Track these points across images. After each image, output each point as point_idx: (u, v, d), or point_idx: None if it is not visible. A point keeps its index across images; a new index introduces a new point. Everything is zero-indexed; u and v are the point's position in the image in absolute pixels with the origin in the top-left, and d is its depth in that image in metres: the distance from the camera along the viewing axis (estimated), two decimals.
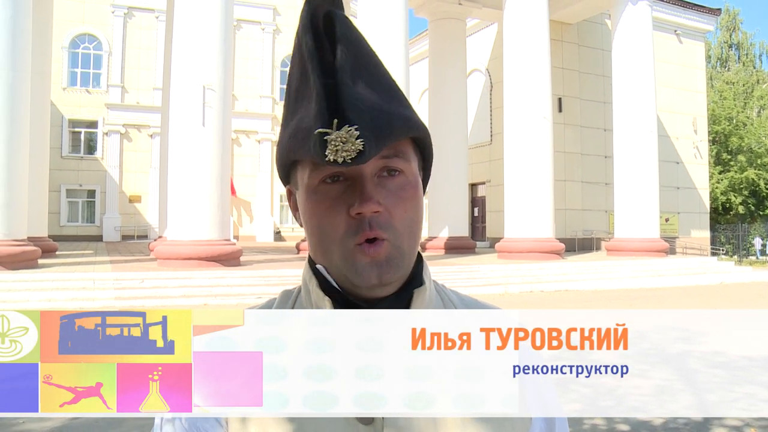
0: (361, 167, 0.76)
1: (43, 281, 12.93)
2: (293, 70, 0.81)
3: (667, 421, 5.43)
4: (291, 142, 0.77)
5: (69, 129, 31.26)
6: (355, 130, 0.71)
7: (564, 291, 15.93)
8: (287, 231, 34.29)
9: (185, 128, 15.21)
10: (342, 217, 0.76)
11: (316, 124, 0.72)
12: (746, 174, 36.87)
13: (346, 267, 0.77)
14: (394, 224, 0.78)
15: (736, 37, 50.82)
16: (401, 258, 0.79)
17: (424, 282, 0.84)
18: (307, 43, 0.75)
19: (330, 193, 0.77)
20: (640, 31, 21.83)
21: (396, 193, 0.78)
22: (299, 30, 0.77)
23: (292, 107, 0.80)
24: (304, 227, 0.83)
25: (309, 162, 0.78)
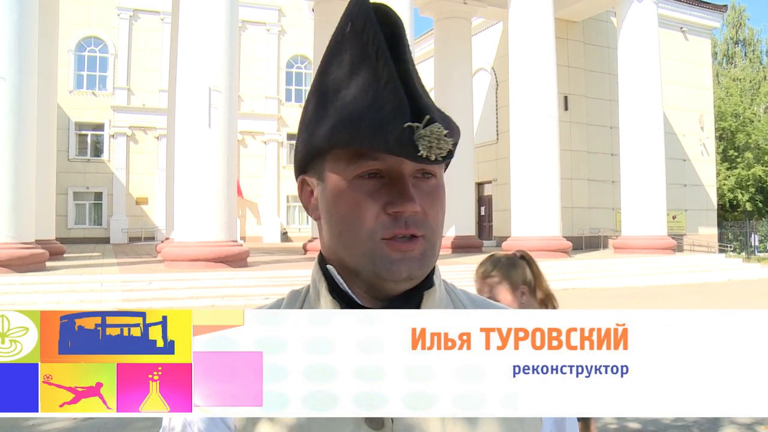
0: (402, 167, 0.76)
1: (51, 284, 12.98)
2: (335, 57, 0.79)
3: (676, 418, 5.42)
4: (342, 130, 0.75)
5: (75, 132, 31.37)
6: (444, 129, 0.73)
7: (571, 289, 15.89)
8: (294, 232, 34.32)
9: (191, 130, 15.23)
10: (374, 213, 0.76)
11: (396, 117, 0.72)
12: (753, 171, 36.74)
13: (373, 260, 0.77)
14: (428, 223, 0.79)
15: (743, 34, 50.60)
16: (433, 256, 0.80)
17: (434, 284, 0.84)
18: (375, 35, 0.74)
19: (365, 187, 0.77)
20: (646, 29, 21.76)
21: (430, 195, 0.79)
22: (357, 19, 0.76)
23: (332, 94, 0.78)
24: (323, 220, 0.83)
25: (346, 154, 0.77)
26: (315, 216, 0.85)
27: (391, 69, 0.74)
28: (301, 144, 0.84)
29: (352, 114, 0.74)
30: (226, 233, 15.54)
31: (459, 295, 0.91)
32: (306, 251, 21.24)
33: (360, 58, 0.75)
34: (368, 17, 0.75)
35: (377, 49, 0.74)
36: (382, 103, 0.73)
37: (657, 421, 5.33)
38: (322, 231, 0.85)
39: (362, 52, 0.75)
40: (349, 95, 0.76)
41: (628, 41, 21.98)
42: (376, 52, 0.74)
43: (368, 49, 0.75)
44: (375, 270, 0.77)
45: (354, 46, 0.76)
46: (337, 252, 0.81)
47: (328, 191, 0.80)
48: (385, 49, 0.74)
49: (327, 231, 0.82)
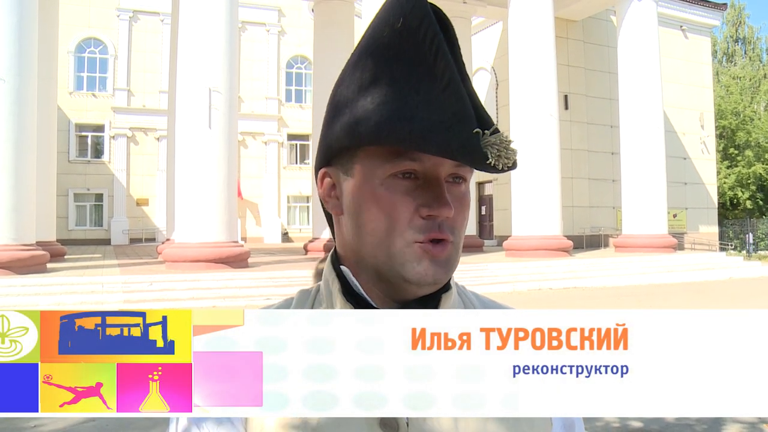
0: (438, 170, 0.75)
1: (52, 285, 12.99)
2: (378, 52, 0.75)
3: (678, 418, 5.42)
4: (386, 127, 0.72)
5: (76, 133, 31.40)
6: (509, 138, 0.72)
7: (572, 288, 15.90)
8: (295, 232, 34.34)
9: (192, 131, 15.24)
10: (407, 214, 0.75)
11: (461, 122, 0.70)
12: (754, 169, 36.75)
13: (402, 261, 0.75)
14: (456, 229, 0.78)
15: (742, 32, 50.60)
16: (456, 261, 0.79)
17: (451, 286, 0.84)
18: (436, 35, 0.72)
19: (399, 187, 0.75)
20: (646, 27, 21.76)
21: (460, 200, 0.78)
22: (412, 16, 0.72)
23: (371, 88, 0.75)
24: (347, 216, 0.80)
25: (382, 151, 0.75)
26: (336, 211, 0.83)
27: (453, 72, 0.72)
28: (330, 136, 0.80)
29: (402, 112, 0.72)
30: (227, 234, 15.55)
31: (469, 297, 0.90)
32: (307, 251, 21.25)
33: (412, 56, 0.73)
34: (426, 15, 0.73)
35: (437, 49, 0.72)
36: (441, 106, 0.71)
37: (659, 420, 5.33)
38: (341, 227, 0.83)
39: (416, 50, 0.73)
40: (397, 92, 0.73)
41: (628, 40, 21.98)
42: (435, 52, 0.72)
43: (423, 47, 0.72)
44: (402, 272, 0.76)
45: (405, 42, 0.73)
46: (360, 250, 0.80)
47: (357, 187, 0.78)
48: (446, 51, 0.72)
49: (351, 228, 0.80)
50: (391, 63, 0.74)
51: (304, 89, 35.04)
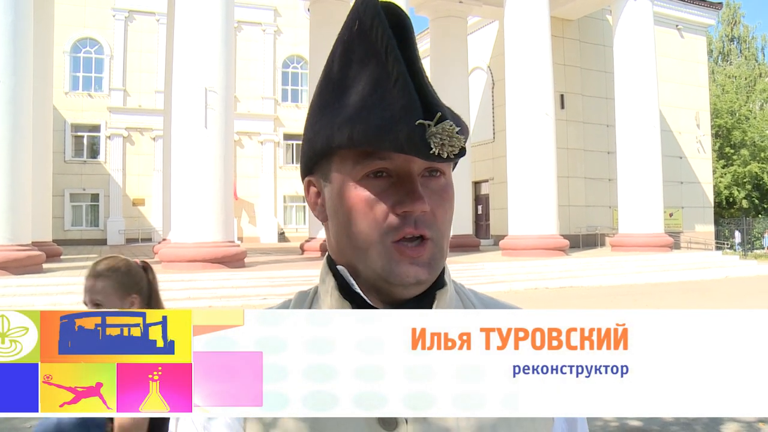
0: (410, 165, 0.75)
1: (48, 285, 12.96)
2: (342, 56, 0.78)
3: (678, 417, 5.42)
4: (350, 129, 0.73)
5: (72, 133, 31.35)
6: (455, 126, 0.72)
7: (569, 287, 15.92)
8: (291, 232, 34.32)
9: (188, 130, 15.22)
10: (383, 214, 0.75)
11: (407, 114, 0.70)
12: (749, 168, 36.82)
13: (383, 264, 0.75)
14: (437, 224, 0.77)
15: (738, 31, 50.72)
16: (441, 258, 0.78)
17: (446, 283, 0.83)
18: (384, 33, 0.73)
19: (373, 188, 0.75)
20: (642, 26, 21.79)
21: (439, 194, 0.78)
22: (365, 17, 0.74)
23: (340, 93, 0.77)
24: (331, 221, 0.81)
25: (353, 154, 0.75)
26: (322, 218, 0.84)
27: (401, 66, 0.72)
28: (307, 145, 0.82)
29: (361, 113, 0.73)
30: (223, 234, 15.53)
31: (468, 295, 0.90)
32: (303, 251, 21.24)
33: (368, 56, 0.74)
34: (376, 14, 0.74)
35: (386, 46, 0.73)
36: (392, 101, 0.72)
37: (658, 420, 5.34)
38: (329, 233, 0.83)
39: (370, 50, 0.74)
40: (357, 94, 0.74)
41: (623, 39, 22.00)
42: (385, 49, 0.73)
43: (377, 46, 0.73)
44: (383, 275, 0.76)
45: (362, 44, 0.75)
46: (345, 254, 0.80)
47: (334, 192, 0.78)
48: (395, 47, 0.73)
49: (334, 233, 0.81)
50: (351, 65, 0.76)
51: (300, 89, 35.03)
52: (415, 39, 0.77)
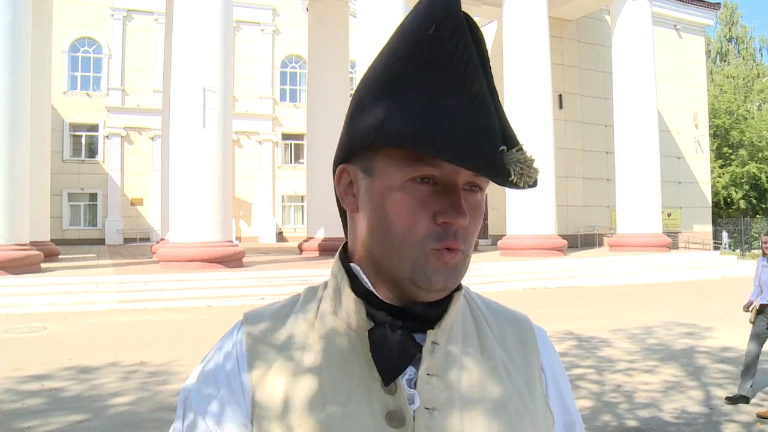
0: (456, 178, 0.75)
1: (47, 285, 12.95)
2: (407, 55, 0.74)
3: (677, 416, 5.43)
4: (413, 131, 0.71)
5: (70, 133, 31.33)
6: (531, 157, 0.72)
7: (567, 287, 15.92)
8: (289, 232, 34.31)
9: (186, 130, 15.21)
10: (424, 220, 0.75)
11: (485, 136, 0.70)
12: (747, 168, 36.82)
13: (415, 267, 0.75)
14: (469, 237, 0.78)
15: (736, 31, 50.76)
16: (465, 268, 0.79)
17: (462, 287, 0.84)
18: (467, 47, 0.71)
19: (417, 193, 0.75)
20: (640, 27, 21.81)
21: (474, 209, 0.78)
22: (446, 24, 0.71)
23: (398, 91, 0.74)
24: (363, 215, 0.80)
25: (403, 154, 0.75)
26: (351, 208, 0.83)
27: (482, 85, 0.71)
28: (350, 133, 0.80)
29: (429, 119, 0.71)
30: (222, 233, 15.53)
31: (474, 298, 0.90)
32: (302, 251, 21.23)
33: (445, 65, 0.72)
34: (459, 25, 0.71)
35: (467, 60, 0.71)
36: (469, 118, 0.71)
37: (655, 419, 5.34)
38: (355, 225, 0.83)
39: (449, 59, 0.71)
40: (423, 98, 0.72)
41: (622, 39, 22.02)
42: (466, 63, 0.71)
43: (456, 57, 0.71)
44: (413, 277, 0.75)
45: (437, 49, 0.72)
46: (373, 249, 0.79)
47: (377, 188, 0.78)
48: (477, 63, 0.71)
49: (366, 227, 0.80)
50: (420, 68, 0.73)
51: (299, 88, 35.02)
52: (488, 57, 0.76)
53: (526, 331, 0.89)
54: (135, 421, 5.33)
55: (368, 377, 0.76)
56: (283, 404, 0.75)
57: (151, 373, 7.01)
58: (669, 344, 8.54)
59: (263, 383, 0.77)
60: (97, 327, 10.26)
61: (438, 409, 0.75)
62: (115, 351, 8.25)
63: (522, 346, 0.87)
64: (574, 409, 0.90)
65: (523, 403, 0.81)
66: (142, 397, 6.06)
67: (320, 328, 0.81)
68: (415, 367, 0.77)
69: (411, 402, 0.75)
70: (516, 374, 0.83)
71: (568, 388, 0.91)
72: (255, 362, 0.79)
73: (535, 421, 0.81)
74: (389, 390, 0.75)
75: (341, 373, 0.77)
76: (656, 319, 10.65)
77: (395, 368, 0.75)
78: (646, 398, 5.96)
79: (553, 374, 0.88)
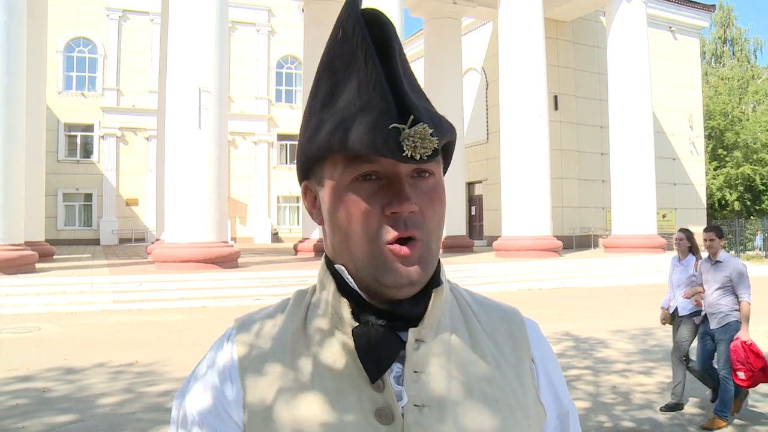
0: (398, 167, 0.76)
1: (41, 285, 12.92)
2: (329, 63, 0.79)
3: (672, 417, 5.44)
4: (336, 134, 0.75)
5: (65, 133, 31.26)
6: (429, 128, 0.72)
7: (562, 288, 15.94)
8: (285, 232, 34.29)
9: (181, 130, 15.19)
10: (375, 216, 0.76)
11: (383, 119, 0.71)
12: (742, 169, 36.88)
13: (375, 265, 0.76)
14: (426, 224, 0.78)
15: (731, 33, 50.87)
16: (431, 258, 0.79)
17: (442, 282, 0.84)
18: (364, 40, 0.74)
19: (363, 191, 0.76)
20: (635, 28, 21.85)
21: (428, 194, 0.79)
22: (347, 25, 0.76)
23: (328, 100, 0.79)
24: (326, 224, 0.82)
25: (342, 158, 0.77)
26: (319, 221, 0.85)
27: (379, 72, 0.73)
28: (300, 151, 0.84)
29: (345, 118, 0.74)
30: (217, 234, 15.51)
31: (462, 294, 0.91)
32: (297, 252, 21.22)
33: (351, 64, 0.76)
34: (357, 22, 0.75)
35: (365, 53, 0.74)
36: (372, 106, 0.73)
37: (650, 420, 5.35)
38: (326, 236, 0.84)
39: (352, 58, 0.76)
40: (343, 100, 0.76)
41: (617, 41, 22.07)
42: (365, 56, 0.74)
43: (357, 54, 0.75)
44: (377, 276, 0.77)
45: (345, 52, 0.76)
46: (341, 257, 0.81)
47: (328, 195, 0.80)
48: (373, 53, 0.74)
49: (330, 236, 0.82)
50: (337, 73, 0.78)
51: (294, 89, 35.02)
52: (396, 42, 0.77)
53: (516, 324, 0.90)
54: (128, 421, 5.33)
55: (357, 376, 0.77)
56: (274, 408, 0.76)
57: (144, 373, 7.01)
58: (665, 345, 8.56)
59: (255, 389, 0.78)
60: (92, 327, 10.24)
61: (428, 405, 0.76)
62: (110, 351, 8.23)
63: (512, 339, 0.88)
64: (568, 400, 0.91)
65: (514, 397, 0.82)
66: (135, 397, 6.05)
67: (309, 331, 0.82)
68: (403, 364, 0.78)
69: (399, 399, 0.76)
70: (507, 368, 0.84)
71: (561, 380, 0.91)
72: (246, 369, 0.80)
73: (527, 415, 0.82)
74: (377, 387, 0.76)
75: (331, 373, 0.78)
76: (651, 320, 10.67)
77: (380, 366, 0.76)
78: (642, 399, 5.98)
79: (544, 366, 0.89)
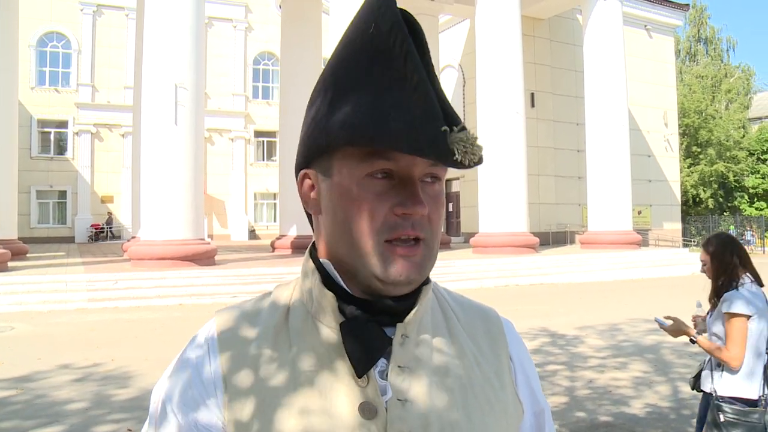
0: (412, 170, 0.77)
1: (14, 284, 12.74)
2: (353, 56, 0.78)
3: (650, 412, 5.49)
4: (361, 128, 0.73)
5: (38, 129, 30.87)
6: (474, 135, 0.74)
7: (539, 285, 16.05)
8: (262, 229, 34.17)
9: (157, 127, 15.06)
10: (382, 213, 0.76)
11: (428, 120, 0.72)
12: (716, 167, 37.37)
13: (376, 261, 0.76)
14: (431, 227, 0.79)
15: (704, 32, 51.47)
16: (432, 260, 0.80)
17: (430, 280, 0.85)
18: (405, 39, 0.74)
19: (375, 187, 0.76)
20: (611, 26, 22.04)
21: (435, 199, 0.79)
22: (383, 21, 0.75)
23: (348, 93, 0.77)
24: (325, 216, 0.82)
25: (357, 152, 0.76)
26: (314, 211, 0.85)
27: (422, 72, 0.74)
28: (308, 138, 0.82)
29: (375, 113, 0.73)
30: (194, 231, 15.41)
31: (442, 293, 0.92)
32: (274, 249, 21.15)
33: (382, 59, 0.75)
34: (396, 20, 0.75)
35: (406, 52, 0.74)
36: (411, 105, 0.73)
37: (628, 414, 5.40)
38: (320, 227, 0.84)
39: (385, 54, 0.75)
40: (368, 94, 0.75)
41: (593, 39, 22.24)
42: (404, 55, 0.74)
43: (395, 51, 0.74)
44: (375, 272, 0.76)
45: (378, 46, 0.75)
46: (338, 249, 0.81)
47: (335, 188, 0.79)
48: (415, 53, 0.74)
49: (329, 227, 0.81)
50: (364, 67, 0.76)
51: (272, 86, 34.87)
52: (428, 47, 0.78)
53: (494, 324, 0.92)
54: (103, 421, 5.28)
55: (341, 370, 0.77)
56: (256, 397, 0.76)
57: (119, 371, 6.94)
58: (638, 340, 8.65)
59: (236, 377, 0.78)
60: (66, 326, 10.13)
61: (410, 400, 0.77)
62: (85, 350, 8.15)
63: (490, 337, 0.89)
64: (542, 397, 0.92)
65: (494, 393, 0.83)
66: (109, 396, 6.00)
67: (293, 323, 0.82)
68: (387, 359, 0.78)
69: (383, 393, 0.77)
70: (486, 365, 0.85)
71: (536, 378, 0.93)
72: (227, 356, 0.79)
73: (506, 410, 0.84)
74: (362, 382, 0.76)
75: (314, 366, 0.78)
76: (625, 316, 10.78)
77: (367, 361, 0.76)
78: (617, 394, 6.03)
79: (521, 364, 0.91)
